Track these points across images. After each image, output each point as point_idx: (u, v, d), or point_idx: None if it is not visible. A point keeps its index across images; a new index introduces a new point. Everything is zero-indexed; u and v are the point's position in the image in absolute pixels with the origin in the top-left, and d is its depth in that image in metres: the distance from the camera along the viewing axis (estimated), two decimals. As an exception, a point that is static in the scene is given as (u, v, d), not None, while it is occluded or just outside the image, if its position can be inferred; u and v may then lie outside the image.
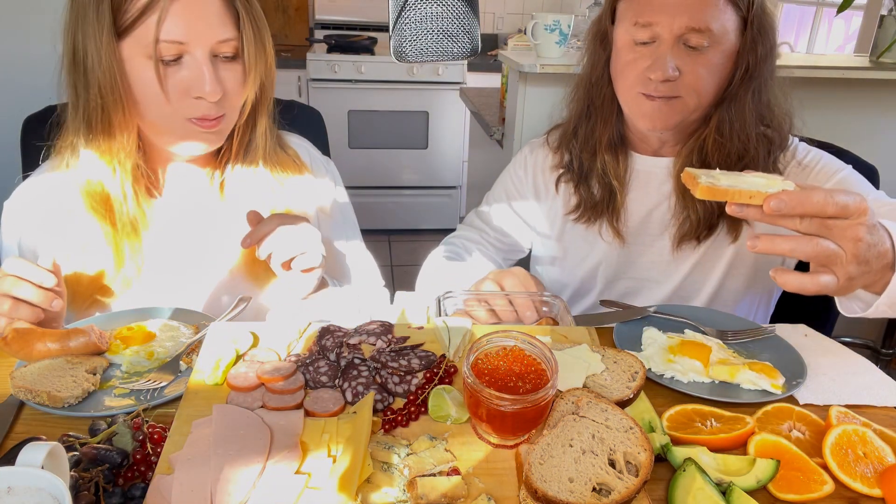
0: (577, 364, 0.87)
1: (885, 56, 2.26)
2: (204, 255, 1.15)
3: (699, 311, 1.14)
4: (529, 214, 1.39)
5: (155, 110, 0.97)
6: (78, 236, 1.06)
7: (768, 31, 1.10)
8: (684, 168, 0.82)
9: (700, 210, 1.18)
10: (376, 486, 0.69)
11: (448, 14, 1.03)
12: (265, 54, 1.02)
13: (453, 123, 3.99)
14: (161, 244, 1.12)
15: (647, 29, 1.09)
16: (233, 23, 0.97)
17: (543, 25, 1.99)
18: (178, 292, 1.13)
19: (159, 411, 0.84)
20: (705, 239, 1.21)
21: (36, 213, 1.09)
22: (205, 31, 0.93)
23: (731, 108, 1.13)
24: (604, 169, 1.24)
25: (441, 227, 4.30)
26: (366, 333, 0.93)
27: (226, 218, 1.15)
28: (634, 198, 1.27)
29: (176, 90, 0.95)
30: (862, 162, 1.38)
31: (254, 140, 1.11)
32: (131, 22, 0.91)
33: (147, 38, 0.91)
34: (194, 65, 0.94)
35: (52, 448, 0.60)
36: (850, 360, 1.02)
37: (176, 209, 1.14)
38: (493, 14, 4.45)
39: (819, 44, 3.52)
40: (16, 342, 0.89)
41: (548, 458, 0.69)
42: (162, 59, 0.93)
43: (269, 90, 1.07)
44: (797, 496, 0.74)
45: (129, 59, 0.94)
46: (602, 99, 1.22)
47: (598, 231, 1.28)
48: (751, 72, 1.10)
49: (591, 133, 1.24)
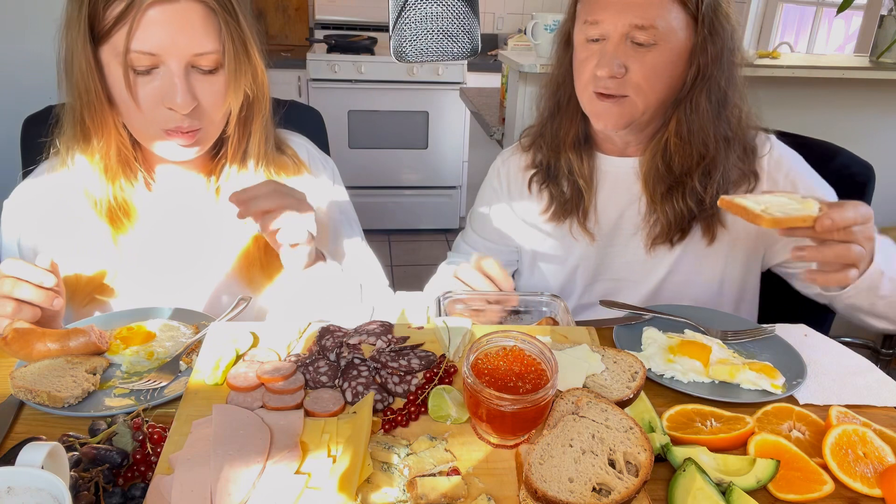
0: (577, 364, 0.87)
1: (885, 56, 2.26)
2: (200, 256, 1.15)
3: (699, 311, 1.14)
4: (511, 222, 1.39)
5: (129, 117, 0.98)
6: (75, 235, 1.07)
7: (720, 32, 1.10)
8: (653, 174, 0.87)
9: (670, 214, 1.19)
10: (376, 486, 0.69)
11: (448, 14, 1.03)
12: (250, 66, 1.00)
13: (453, 123, 3.99)
14: (156, 241, 1.12)
15: (596, 26, 1.10)
16: (215, 35, 0.95)
17: (543, 25, 1.99)
18: (178, 292, 1.14)
19: (159, 411, 0.84)
20: (679, 241, 1.22)
21: (34, 213, 1.10)
22: (181, 43, 0.92)
23: (688, 108, 1.13)
24: (569, 168, 1.25)
25: (441, 228, 4.30)
26: (366, 333, 0.93)
27: (220, 221, 1.14)
28: (606, 198, 1.27)
29: (147, 100, 0.95)
30: (857, 159, 1.38)
31: (249, 148, 1.10)
32: (107, 30, 0.91)
33: (120, 46, 0.91)
34: (167, 76, 0.93)
35: (52, 448, 0.60)
36: (850, 360, 1.02)
37: (171, 204, 1.13)
38: (493, 14, 4.45)
39: (819, 44, 3.52)
40: (16, 342, 0.89)
41: (548, 458, 0.69)
42: (134, 69, 0.92)
43: (261, 100, 1.06)
44: (797, 496, 0.74)
45: (107, 64, 0.94)
46: (567, 98, 1.23)
47: (570, 230, 1.29)
48: (702, 72, 1.10)
49: (557, 132, 1.25)
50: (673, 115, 1.15)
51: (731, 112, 1.15)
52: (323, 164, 1.28)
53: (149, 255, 1.12)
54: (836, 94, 2.26)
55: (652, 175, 1.19)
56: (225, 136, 1.08)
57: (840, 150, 1.40)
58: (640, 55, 1.09)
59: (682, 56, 1.11)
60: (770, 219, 0.90)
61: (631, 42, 1.09)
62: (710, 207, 1.18)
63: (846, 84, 2.23)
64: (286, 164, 1.17)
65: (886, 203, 2.33)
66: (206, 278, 1.16)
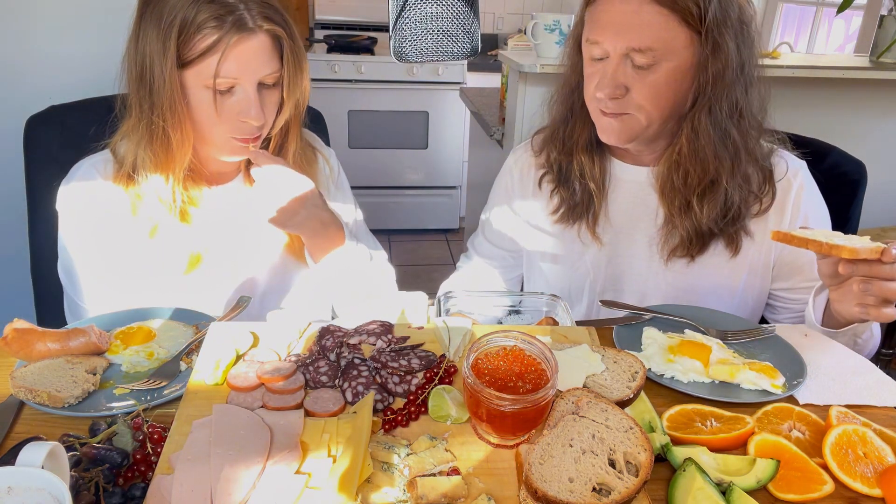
0: (577, 364, 0.87)
1: (885, 56, 2.26)
2: (246, 243, 1.24)
3: (699, 311, 1.14)
4: (521, 225, 1.38)
5: (208, 129, 1.10)
6: (139, 229, 1.16)
7: (724, 48, 1.05)
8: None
9: (690, 228, 1.16)
10: (376, 486, 0.69)
11: (448, 14, 1.03)
12: (302, 80, 1.14)
13: (453, 123, 3.99)
14: (212, 233, 1.21)
15: (598, 46, 1.08)
16: (277, 57, 1.09)
17: (543, 25, 1.99)
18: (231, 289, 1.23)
19: (159, 411, 0.84)
20: (699, 255, 1.20)
21: (91, 217, 1.16)
22: (255, 68, 1.06)
23: (692, 125, 1.11)
24: (581, 171, 1.24)
25: (441, 227, 4.30)
26: (366, 333, 0.93)
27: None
28: (618, 205, 1.26)
29: (227, 114, 1.08)
30: (850, 158, 1.38)
31: (286, 145, 1.22)
32: (195, 58, 1.03)
33: (207, 73, 1.03)
34: (243, 95, 1.07)
35: (52, 448, 0.60)
36: (850, 360, 1.02)
37: (220, 199, 1.23)
38: (493, 14, 4.45)
39: (819, 44, 3.52)
40: (16, 342, 0.89)
41: (548, 458, 0.69)
42: (218, 90, 1.05)
43: (302, 105, 1.19)
44: (797, 496, 0.74)
45: (191, 87, 1.06)
46: (581, 102, 1.21)
47: (578, 234, 1.27)
48: (702, 89, 1.08)
49: (570, 135, 1.24)
50: (684, 126, 1.12)
51: (738, 128, 1.11)
52: (328, 153, 1.37)
53: (205, 244, 1.21)
54: (835, 94, 2.26)
55: (668, 187, 1.17)
56: (270, 134, 1.19)
57: (833, 148, 1.40)
58: (641, 76, 1.06)
59: (687, 73, 1.07)
60: (850, 248, 0.89)
61: (631, 63, 1.06)
62: (732, 223, 1.16)
63: (846, 84, 2.23)
64: (310, 155, 1.29)
65: (881, 203, 2.34)
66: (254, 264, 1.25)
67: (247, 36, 1.03)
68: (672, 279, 1.24)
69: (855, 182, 1.38)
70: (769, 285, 1.26)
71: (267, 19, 1.05)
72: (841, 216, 1.38)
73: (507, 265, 1.44)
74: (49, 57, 1.80)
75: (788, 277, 1.23)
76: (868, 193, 1.41)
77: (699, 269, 1.22)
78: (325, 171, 1.32)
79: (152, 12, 1.03)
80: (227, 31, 1.02)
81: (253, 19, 1.04)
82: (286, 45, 1.09)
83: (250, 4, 1.04)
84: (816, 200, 1.23)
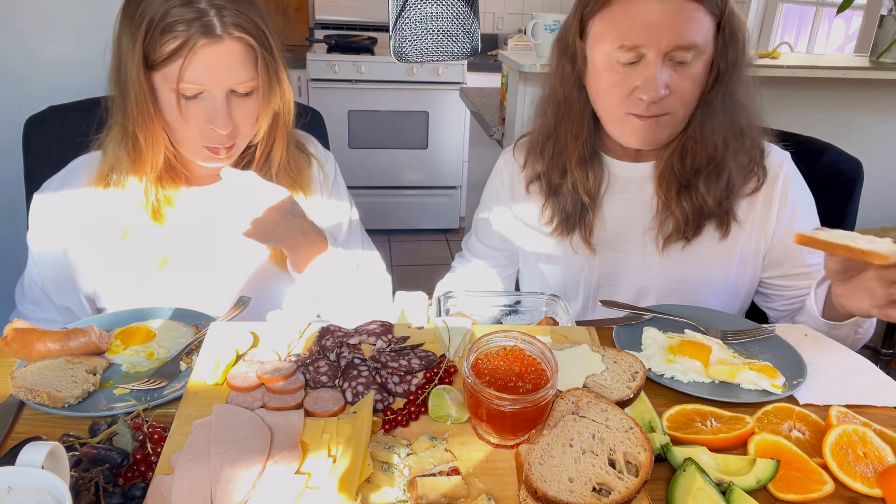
0: (577, 364, 0.87)
1: (885, 56, 2.27)
2: (228, 246, 1.21)
3: (699, 311, 1.14)
4: (512, 226, 1.37)
5: (180, 134, 1.08)
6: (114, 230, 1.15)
7: (737, 35, 1.09)
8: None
9: (687, 208, 1.18)
10: (376, 486, 0.69)
11: (448, 14, 1.03)
12: (280, 89, 1.12)
13: (453, 123, 3.99)
14: (186, 234, 1.19)
15: (633, 51, 1.06)
16: (252, 66, 1.06)
17: (543, 25, 1.99)
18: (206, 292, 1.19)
19: (159, 411, 0.84)
20: (694, 237, 1.21)
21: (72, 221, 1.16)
22: (223, 76, 1.03)
23: (706, 111, 1.12)
24: (574, 185, 1.23)
25: (441, 228, 4.30)
26: (366, 333, 0.93)
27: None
28: (613, 204, 1.25)
29: (195, 119, 1.06)
30: (846, 156, 1.38)
31: (273, 154, 1.20)
32: (161, 61, 1.01)
33: (172, 76, 1.01)
34: (211, 102, 1.05)
35: (52, 448, 0.60)
36: (850, 360, 1.02)
37: (200, 200, 1.20)
38: (493, 14, 4.45)
39: (819, 44, 3.52)
40: (16, 342, 0.89)
41: (548, 458, 0.69)
42: (183, 95, 1.03)
43: (285, 114, 1.16)
44: (797, 496, 0.74)
45: (159, 90, 1.05)
46: (573, 117, 1.19)
47: (570, 243, 1.27)
48: (721, 76, 1.10)
49: (561, 151, 1.22)
50: (692, 118, 1.13)
51: (742, 111, 1.14)
52: (325, 157, 1.35)
53: (178, 247, 1.18)
54: (835, 94, 2.26)
55: (667, 174, 1.18)
56: (252, 144, 1.18)
57: (829, 146, 1.40)
58: (681, 72, 1.07)
59: (709, 63, 1.10)
60: (880, 254, 0.87)
61: (670, 61, 1.06)
62: (723, 203, 1.17)
63: (846, 84, 2.23)
64: (301, 161, 1.26)
65: (882, 203, 2.34)
66: (240, 270, 1.23)
67: (213, 42, 1.01)
68: (666, 270, 1.25)
69: (851, 180, 1.38)
70: (759, 274, 1.27)
71: (238, 27, 1.02)
72: (838, 214, 1.38)
73: (501, 264, 1.44)
74: (48, 57, 1.80)
75: (781, 264, 1.24)
76: (868, 194, 1.41)
77: (692, 259, 1.23)
78: (319, 178, 1.29)
79: (128, 11, 1.02)
80: (193, 36, 0.99)
81: (223, 26, 1.01)
82: (259, 55, 1.06)
83: (224, 11, 1.01)
84: (803, 190, 1.24)
